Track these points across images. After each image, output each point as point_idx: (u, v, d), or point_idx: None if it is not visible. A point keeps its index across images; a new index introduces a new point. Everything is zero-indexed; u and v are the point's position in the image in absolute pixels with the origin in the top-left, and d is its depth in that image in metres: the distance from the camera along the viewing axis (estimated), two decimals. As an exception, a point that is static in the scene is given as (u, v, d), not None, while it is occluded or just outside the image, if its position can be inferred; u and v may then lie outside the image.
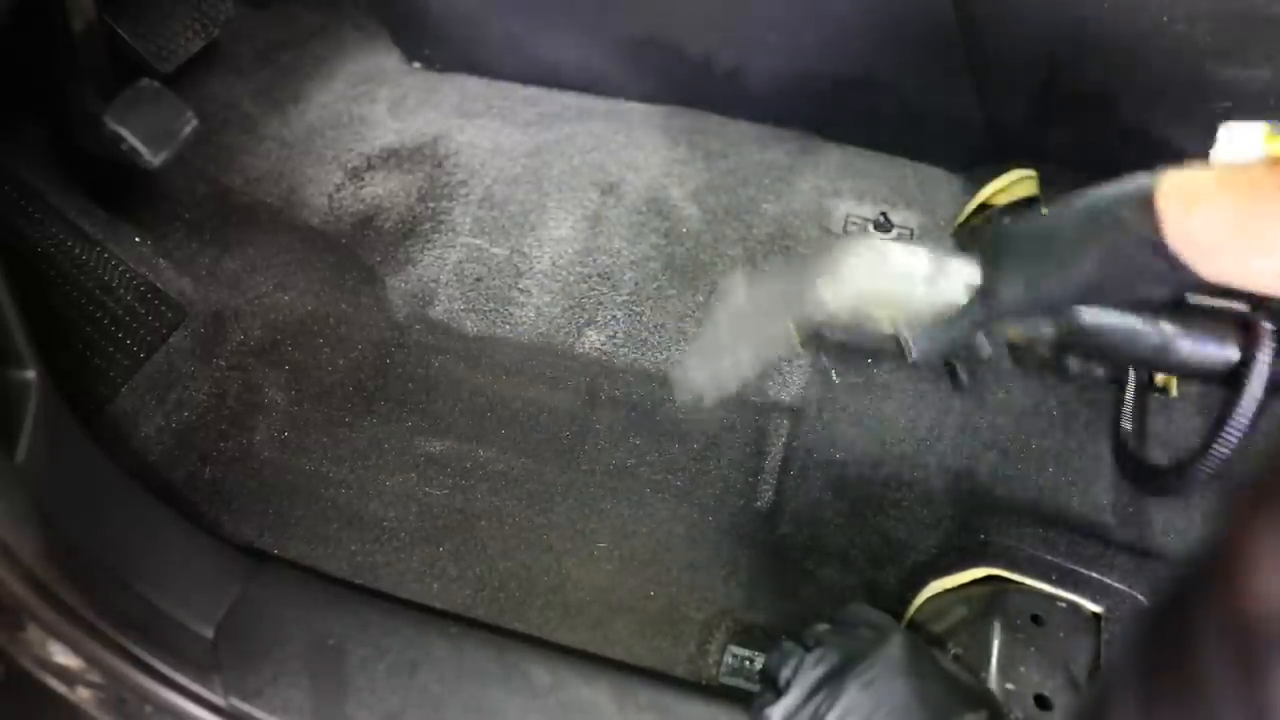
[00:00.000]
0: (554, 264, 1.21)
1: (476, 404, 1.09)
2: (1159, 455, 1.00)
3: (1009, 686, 0.78)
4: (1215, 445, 0.77)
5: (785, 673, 0.72)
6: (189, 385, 1.09)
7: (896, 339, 0.76)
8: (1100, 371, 0.82)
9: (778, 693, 0.72)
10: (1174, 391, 1.04)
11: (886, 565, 0.95)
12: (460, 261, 1.22)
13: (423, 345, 1.14)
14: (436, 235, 1.25)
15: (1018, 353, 0.80)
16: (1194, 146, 1.15)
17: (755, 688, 0.81)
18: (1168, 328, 0.75)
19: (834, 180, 1.28)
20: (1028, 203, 1.18)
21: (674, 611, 0.93)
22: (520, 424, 1.07)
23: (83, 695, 0.84)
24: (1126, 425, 0.95)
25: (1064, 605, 0.83)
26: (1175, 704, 0.29)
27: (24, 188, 1.13)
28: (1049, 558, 0.88)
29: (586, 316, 1.17)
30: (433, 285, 1.20)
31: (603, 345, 1.14)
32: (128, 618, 0.82)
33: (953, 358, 0.81)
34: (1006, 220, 0.79)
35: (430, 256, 1.23)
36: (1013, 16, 1.09)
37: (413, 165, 1.33)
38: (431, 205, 1.28)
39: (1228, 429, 0.76)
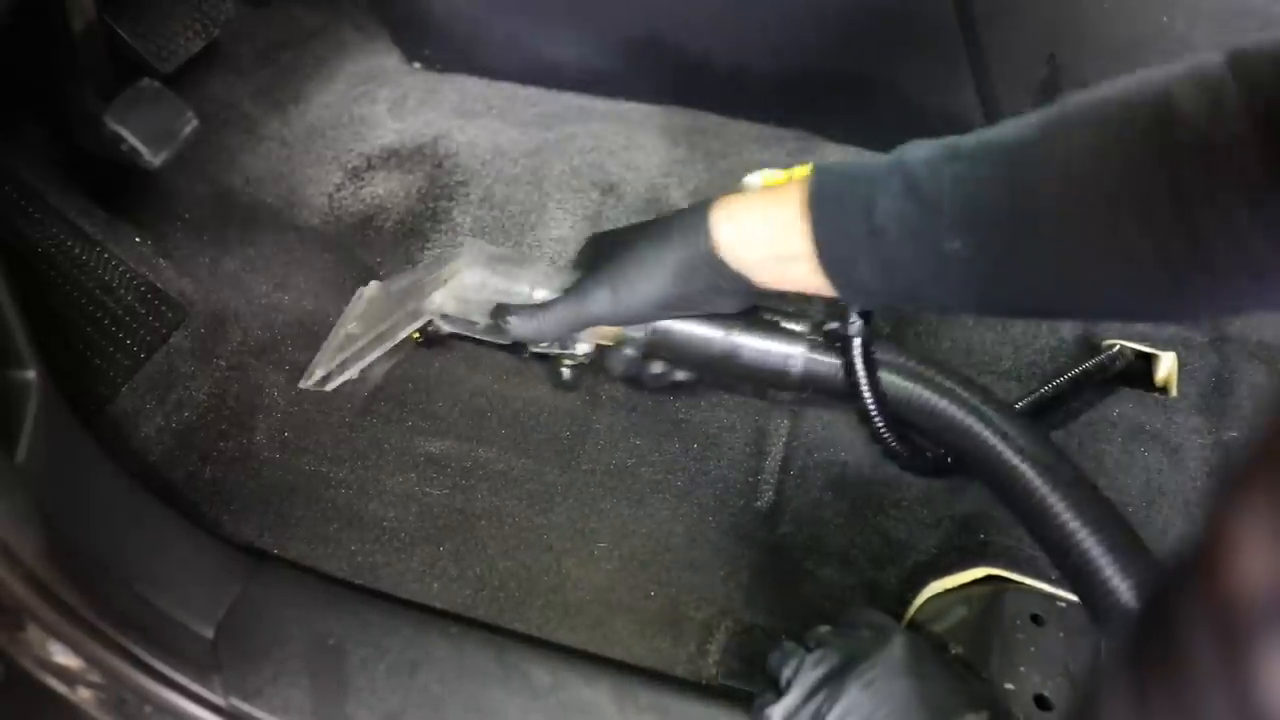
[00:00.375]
0: (554, 264, 1.21)
1: (476, 404, 1.09)
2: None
3: (1009, 686, 0.78)
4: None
5: (786, 673, 0.72)
6: (189, 385, 1.09)
7: (498, 327, 0.87)
8: (680, 375, 0.92)
9: (778, 693, 0.73)
10: (1174, 391, 1.05)
11: (886, 565, 0.95)
12: (460, 261, 1.22)
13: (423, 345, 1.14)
14: (437, 235, 1.25)
15: (606, 356, 0.91)
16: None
17: (755, 688, 0.80)
18: (736, 336, 0.87)
19: (834, 180, 1.28)
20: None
21: (674, 611, 0.93)
22: (520, 424, 1.07)
23: (83, 695, 0.84)
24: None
25: (1064, 605, 0.83)
26: (1164, 690, 0.29)
27: (24, 188, 1.13)
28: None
29: (586, 316, 1.17)
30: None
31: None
32: (128, 618, 0.82)
33: (550, 349, 0.92)
34: (609, 231, 0.89)
35: (430, 256, 1.23)
36: (1013, 16, 1.09)
37: (413, 165, 1.33)
38: (431, 205, 1.28)
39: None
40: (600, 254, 0.84)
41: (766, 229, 0.75)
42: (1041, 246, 0.64)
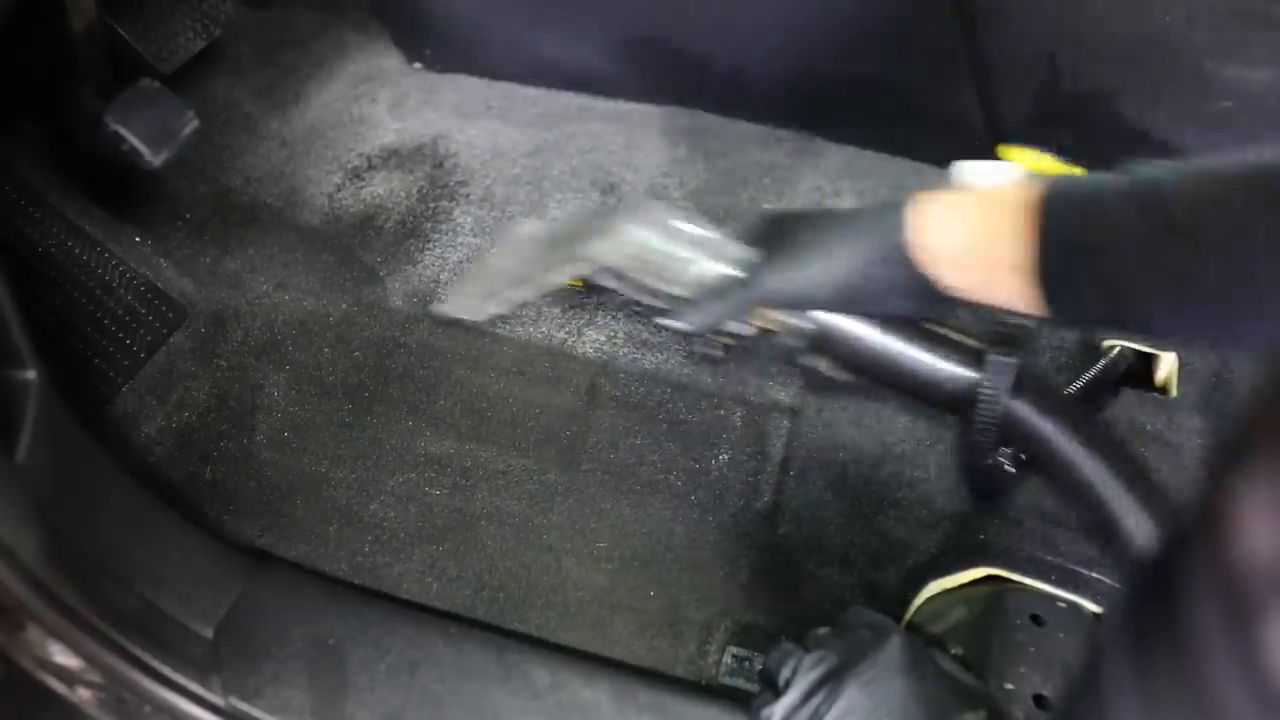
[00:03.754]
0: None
1: (476, 404, 1.09)
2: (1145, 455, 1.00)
3: (1009, 686, 0.78)
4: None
5: (785, 673, 0.72)
6: (189, 385, 1.09)
7: (665, 296, 0.81)
8: (842, 376, 0.86)
9: (777, 693, 0.72)
10: (1174, 391, 1.05)
11: (886, 565, 0.95)
12: (460, 261, 1.22)
13: (423, 345, 1.14)
14: (437, 235, 1.25)
15: (768, 341, 0.84)
16: (1194, 146, 1.15)
17: (755, 688, 0.80)
18: (906, 346, 0.81)
19: (834, 180, 1.28)
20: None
21: (674, 611, 0.93)
22: (520, 424, 1.07)
23: (82, 695, 0.84)
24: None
25: (1064, 605, 0.83)
26: (1167, 662, 0.29)
27: (24, 188, 1.13)
28: (1049, 558, 0.88)
29: (587, 316, 1.17)
30: (433, 285, 1.20)
31: (603, 345, 1.14)
32: (128, 618, 0.82)
33: (714, 331, 0.84)
34: (793, 211, 0.83)
35: (430, 256, 1.23)
36: (1013, 16, 1.09)
37: (413, 165, 1.33)
38: (432, 205, 1.28)
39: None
40: (780, 233, 0.79)
41: (975, 232, 0.69)
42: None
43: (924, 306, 0.77)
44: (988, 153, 1.22)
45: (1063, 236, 0.66)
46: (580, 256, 0.85)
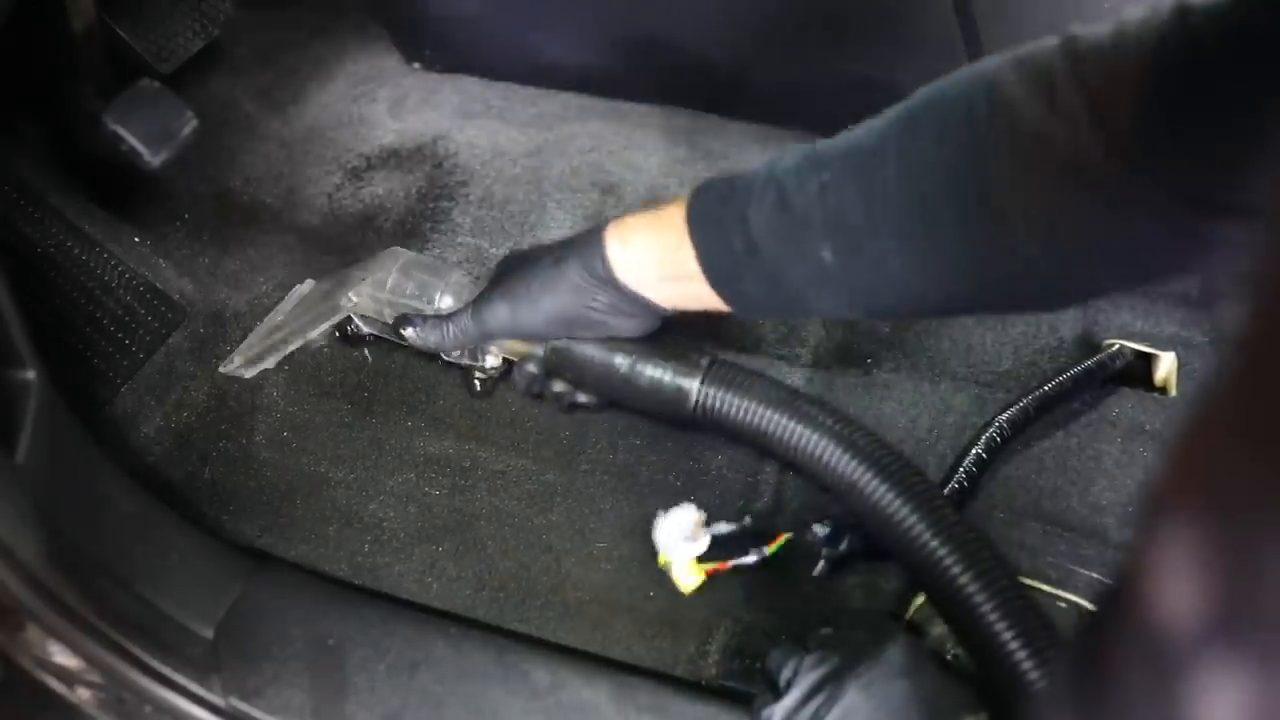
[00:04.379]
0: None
1: (476, 404, 1.09)
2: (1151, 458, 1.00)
3: (1009, 687, 0.78)
4: None
5: (785, 674, 0.72)
6: (188, 385, 1.09)
7: (397, 330, 0.91)
8: (581, 397, 0.91)
9: (777, 694, 0.73)
10: (1174, 391, 1.05)
11: (887, 565, 0.95)
12: (460, 261, 1.22)
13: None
14: (437, 235, 1.25)
15: (512, 371, 0.92)
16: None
17: (755, 688, 0.80)
18: (634, 361, 0.84)
19: (834, 180, 1.28)
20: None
21: (674, 611, 0.93)
22: (519, 424, 1.07)
23: (82, 695, 0.84)
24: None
25: (1064, 605, 0.83)
26: (1098, 716, 0.29)
27: (24, 188, 1.13)
28: (1049, 558, 0.88)
29: (586, 316, 1.17)
30: (433, 285, 1.20)
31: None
32: (127, 618, 0.82)
33: (461, 359, 0.96)
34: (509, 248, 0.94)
35: (430, 256, 1.23)
36: (1013, 16, 1.09)
37: (413, 165, 1.33)
38: (431, 205, 1.28)
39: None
40: (506, 269, 0.86)
41: (657, 249, 0.75)
42: (893, 246, 0.65)
43: (649, 323, 0.82)
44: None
45: (714, 241, 0.72)
46: (337, 308, 0.97)
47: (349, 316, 0.99)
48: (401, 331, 0.90)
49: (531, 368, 0.89)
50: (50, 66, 1.07)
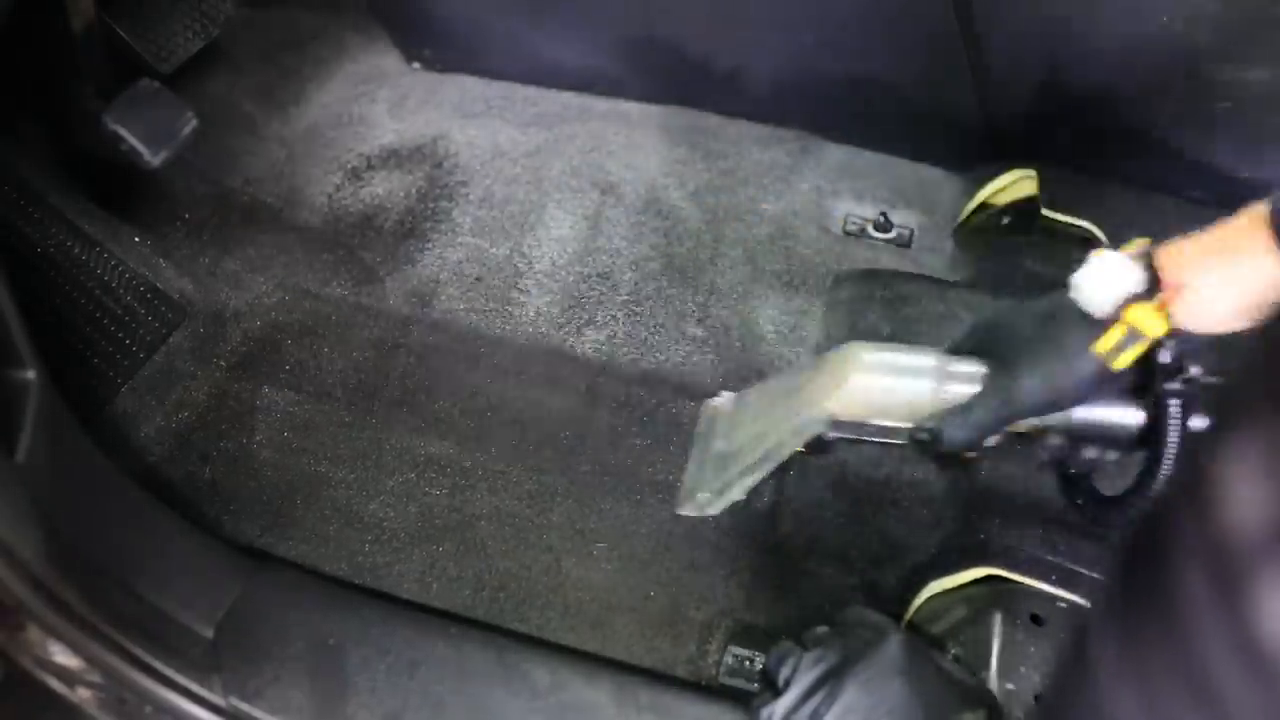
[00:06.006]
0: (554, 264, 1.21)
1: (476, 404, 1.09)
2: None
3: (1009, 686, 0.78)
4: (1138, 495, 0.78)
5: (784, 673, 0.72)
6: (189, 385, 1.09)
7: (916, 433, 0.76)
8: (1111, 456, 0.80)
9: (777, 693, 0.73)
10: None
11: (886, 565, 0.95)
12: (460, 261, 1.22)
13: (423, 345, 1.14)
14: (436, 235, 1.25)
15: (1025, 442, 0.79)
16: (1194, 147, 1.15)
17: (755, 688, 0.81)
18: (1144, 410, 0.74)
19: (834, 180, 1.28)
20: (1027, 202, 1.18)
21: (674, 611, 0.93)
22: (520, 424, 1.07)
23: (83, 695, 0.84)
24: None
25: (1064, 605, 0.83)
26: (1156, 633, 0.29)
27: (24, 188, 1.13)
28: (1049, 558, 0.88)
29: (586, 316, 1.17)
30: (433, 285, 1.20)
31: (603, 345, 1.14)
32: (128, 618, 0.82)
33: (975, 449, 0.79)
34: (989, 315, 0.77)
35: (430, 256, 1.23)
36: (1013, 16, 1.09)
37: (412, 165, 1.33)
38: (431, 205, 1.28)
39: (1147, 484, 0.77)
40: (1005, 338, 0.75)
41: (1234, 288, 0.66)
42: None
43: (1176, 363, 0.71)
44: (988, 153, 1.22)
45: None
46: (811, 424, 0.80)
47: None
48: (934, 435, 0.76)
49: (1056, 440, 0.78)
50: (50, 66, 1.07)
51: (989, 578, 0.87)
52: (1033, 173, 1.15)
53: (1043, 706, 0.65)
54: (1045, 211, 1.14)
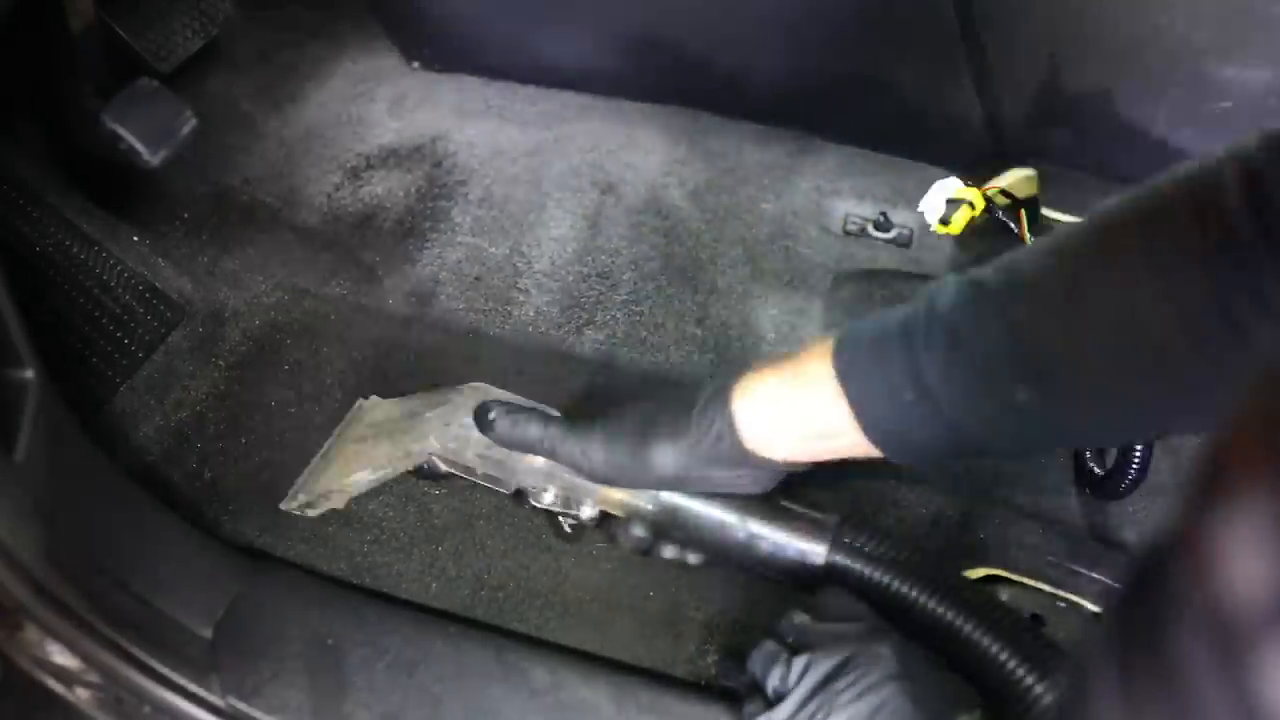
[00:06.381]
0: (553, 264, 1.21)
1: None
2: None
3: (1009, 687, 0.77)
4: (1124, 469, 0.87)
5: (772, 681, 0.72)
6: (188, 385, 1.09)
7: (494, 471, 0.87)
8: (692, 559, 0.85)
9: (764, 697, 0.72)
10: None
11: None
12: (459, 261, 1.22)
13: (422, 345, 1.14)
14: (436, 235, 1.25)
15: (614, 527, 0.85)
16: (1194, 146, 1.15)
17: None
18: (754, 525, 0.79)
19: (834, 180, 1.28)
20: (1028, 203, 1.18)
21: (674, 611, 0.93)
22: (520, 424, 1.07)
23: (81, 695, 0.84)
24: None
25: (1064, 605, 0.83)
26: (1156, 691, 0.29)
27: (22, 187, 1.13)
28: (1049, 558, 0.88)
29: (586, 316, 1.17)
30: (432, 285, 1.20)
31: (602, 345, 1.14)
32: (126, 617, 0.81)
33: (554, 505, 0.87)
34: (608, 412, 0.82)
35: (430, 256, 1.23)
36: (1013, 16, 1.09)
37: (412, 165, 1.33)
38: (431, 205, 1.28)
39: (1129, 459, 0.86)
40: (616, 414, 0.80)
41: (798, 412, 0.70)
42: (1101, 381, 0.61)
43: (771, 480, 0.78)
44: (988, 153, 1.22)
45: (874, 396, 0.67)
46: (418, 453, 0.91)
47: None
48: (487, 419, 0.84)
49: (638, 531, 0.82)
50: (48, 66, 1.07)
51: (989, 578, 0.87)
52: (1033, 173, 1.15)
53: None
54: (1045, 211, 1.14)
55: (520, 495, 0.89)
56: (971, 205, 1.03)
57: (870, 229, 1.22)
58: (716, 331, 1.15)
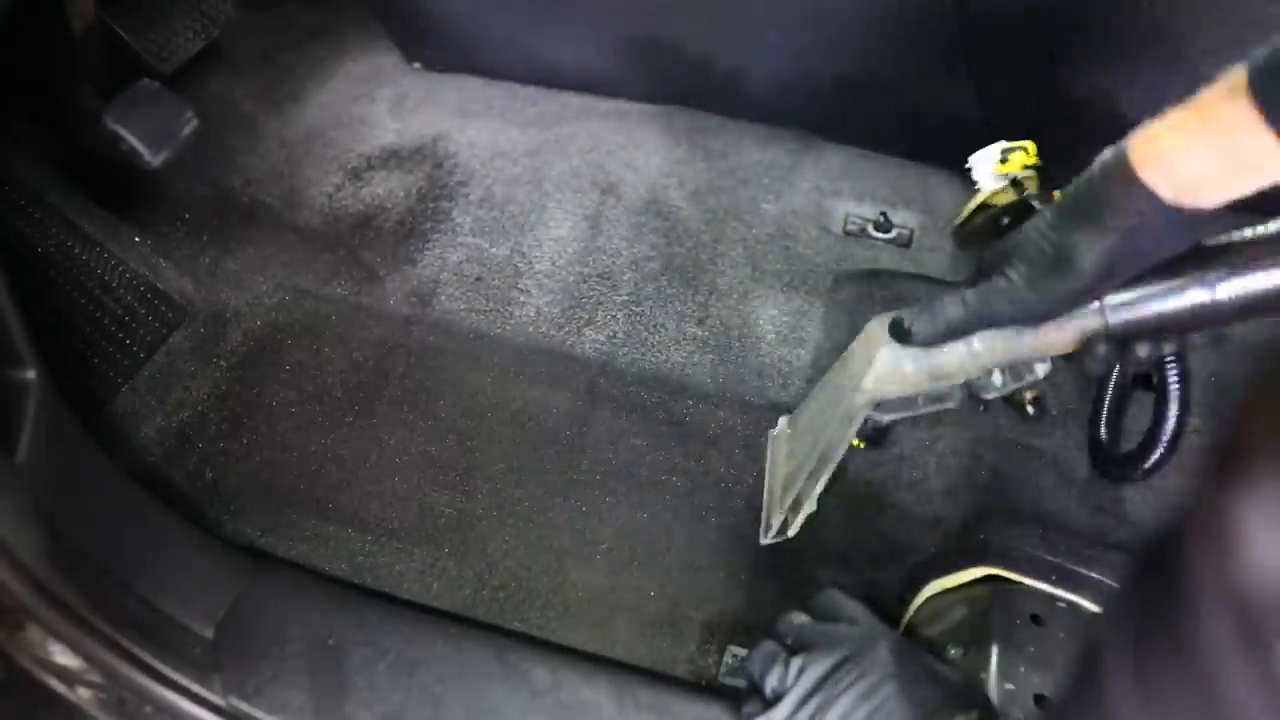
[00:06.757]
0: (554, 264, 1.21)
1: (476, 404, 1.09)
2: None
3: (1009, 686, 0.78)
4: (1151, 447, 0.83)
5: (771, 681, 0.72)
6: (189, 385, 1.09)
7: (940, 395, 0.78)
8: (1168, 346, 0.76)
9: (762, 697, 0.72)
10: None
11: (886, 565, 0.95)
12: (460, 261, 1.22)
13: (423, 345, 1.14)
14: (436, 235, 1.25)
15: (1083, 361, 0.76)
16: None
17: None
18: (1213, 279, 0.71)
19: (834, 180, 1.28)
20: (1030, 204, 1.18)
21: (674, 611, 0.93)
22: (520, 424, 1.07)
23: (82, 695, 0.84)
24: (1102, 430, 0.97)
25: (1064, 605, 0.83)
26: (1172, 665, 0.29)
27: (24, 188, 1.13)
28: (1049, 558, 0.88)
29: (586, 316, 1.17)
30: (433, 285, 1.20)
31: (603, 345, 1.14)
32: (127, 617, 0.82)
33: (1006, 386, 0.79)
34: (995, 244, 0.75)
35: (430, 256, 1.23)
36: (1012, 16, 1.09)
37: (413, 165, 1.33)
38: (431, 205, 1.28)
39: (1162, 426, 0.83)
40: (1013, 248, 0.72)
41: (1214, 158, 0.65)
42: None
43: (1195, 234, 0.70)
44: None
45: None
46: (853, 412, 0.80)
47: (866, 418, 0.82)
48: (903, 330, 0.76)
49: (1103, 347, 0.74)
50: (49, 66, 1.07)
51: (989, 578, 0.87)
52: (1028, 144, 1.15)
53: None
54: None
55: (972, 397, 0.81)
56: (1026, 151, 1.00)
57: (870, 229, 1.23)
58: (717, 332, 1.15)
